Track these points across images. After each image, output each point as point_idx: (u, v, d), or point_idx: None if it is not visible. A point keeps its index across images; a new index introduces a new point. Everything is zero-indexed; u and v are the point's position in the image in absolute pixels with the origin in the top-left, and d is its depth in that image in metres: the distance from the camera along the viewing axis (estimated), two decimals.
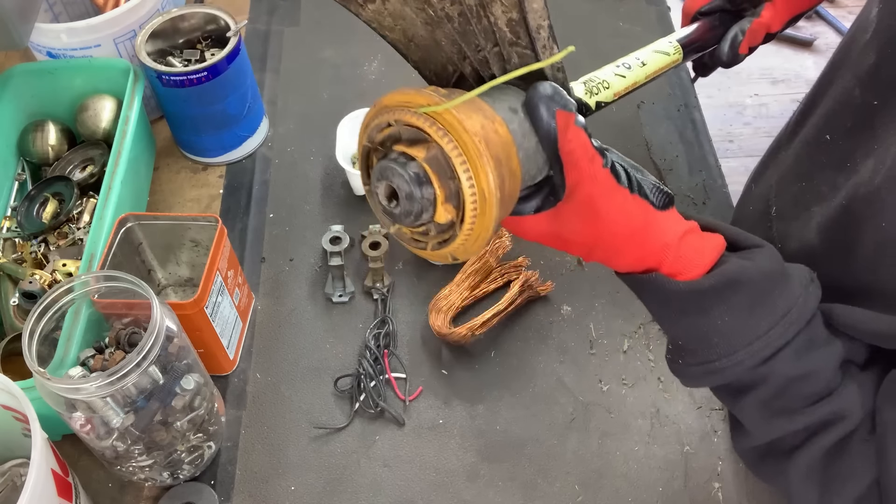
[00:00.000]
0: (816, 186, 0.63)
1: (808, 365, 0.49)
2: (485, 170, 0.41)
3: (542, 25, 0.43)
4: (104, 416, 0.66)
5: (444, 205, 0.42)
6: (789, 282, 0.50)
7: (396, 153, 0.43)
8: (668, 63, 0.67)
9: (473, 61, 0.47)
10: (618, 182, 0.47)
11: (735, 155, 2.25)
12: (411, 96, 0.42)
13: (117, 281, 0.68)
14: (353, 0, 0.47)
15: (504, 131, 0.43)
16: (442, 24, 0.45)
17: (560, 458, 0.81)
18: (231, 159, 1.05)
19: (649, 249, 0.49)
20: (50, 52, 0.98)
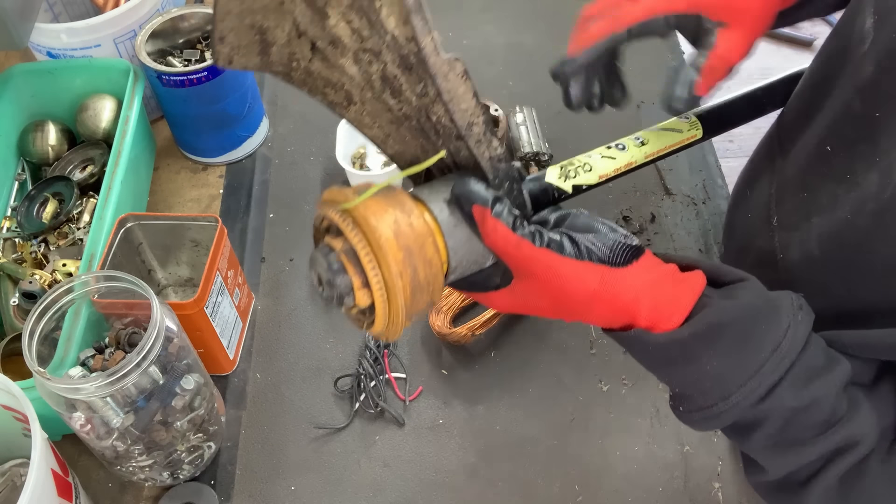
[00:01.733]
0: (817, 198, 0.62)
1: (810, 394, 0.47)
2: (386, 261, 0.45)
3: (474, 122, 0.47)
4: (104, 416, 0.66)
5: (360, 290, 0.47)
6: (777, 314, 0.48)
7: (323, 244, 0.49)
8: (678, 141, 0.64)
9: (433, 153, 0.51)
10: (561, 253, 0.47)
11: (735, 155, 2.25)
12: (335, 194, 0.48)
13: (117, 281, 0.68)
14: (339, 104, 0.53)
15: (420, 224, 0.47)
16: (403, 122, 0.50)
17: (560, 458, 0.81)
18: (231, 159, 1.05)
19: (617, 307, 0.48)
20: (50, 52, 0.98)
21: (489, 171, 0.49)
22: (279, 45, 0.51)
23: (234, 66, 0.51)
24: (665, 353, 0.48)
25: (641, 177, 1.03)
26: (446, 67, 0.44)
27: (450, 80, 0.44)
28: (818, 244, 0.61)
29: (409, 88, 0.46)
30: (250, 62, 0.52)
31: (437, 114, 0.46)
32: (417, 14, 0.41)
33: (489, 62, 1.17)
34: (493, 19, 1.24)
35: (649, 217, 0.99)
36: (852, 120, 0.58)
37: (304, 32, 0.50)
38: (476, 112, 0.46)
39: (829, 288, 0.59)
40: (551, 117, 1.08)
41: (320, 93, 0.53)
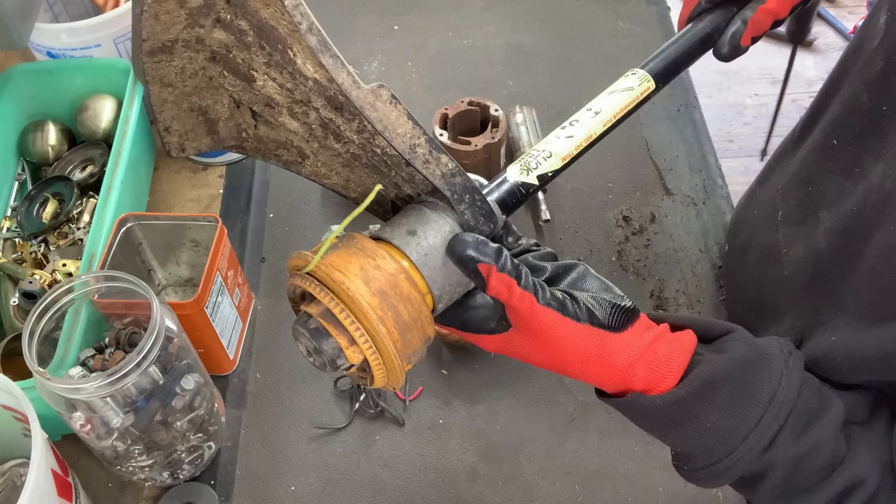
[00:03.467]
0: (823, 192, 0.63)
1: (810, 440, 0.48)
2: (363, 313, 0.44)
3: (416, 143, 0.46)
4: (104, 416, 0.66)
5: (349, 349, 0.46)
6: (768, 362, 0.49)
7: (301, 314, 0.48)
8: (633, 98, 0.63)
9: (390, 186, 0.51)
10: (562, 313, 0.47)
11: (735, 155, 2.25)
12: (297, 260, 0.47)
13: (117, 281, 0.68)
14: (294, 162, 0.53)
15: (387, 263, 0.46)
16: (354, 163, 0.50)
17: (560, 458, 0.81)
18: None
19: (612, 371, 0.49)
20: (50, 52, 0.98)
21: (445, 189, 0.48)
22: (224, 120, 0.52)
23: (187, 152, 0.52)
24: (664, 414, 0.48)
25: (641, 177, 1.03)
26: (371, 97, 0.44)
27: (378, 108, 0.44)
28: (825, 237, 0.61)
29: (346, 128, 0.46)
30: (202, 144, 0.52)
31: (379, 146, 0.46)
32: (325, 53, 0.41)
33: (489, 62, 1.17)
34: (493, 19, 1.24)
35: (649, 217, 0.99)
36: (860, 114, 0.59)
37: (241, 101, 0.50)
38: (415, 134, 0.46)
39: (831, 281, 0.59)
40: (551, 117, 1.08)
41: (273, 155, 0.53)
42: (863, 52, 0.61)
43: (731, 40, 0.69)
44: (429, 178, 0.47)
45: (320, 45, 0.41)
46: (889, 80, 0.55)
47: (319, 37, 0.41)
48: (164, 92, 0.48)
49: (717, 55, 0.70)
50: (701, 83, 1.01)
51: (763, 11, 0.68)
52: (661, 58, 0.66)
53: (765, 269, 0.73)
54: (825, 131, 0.65)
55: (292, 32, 0.41)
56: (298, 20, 0.40)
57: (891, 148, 0.53)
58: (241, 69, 0.48)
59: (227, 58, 0.48)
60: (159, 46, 0.46)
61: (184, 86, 0.49)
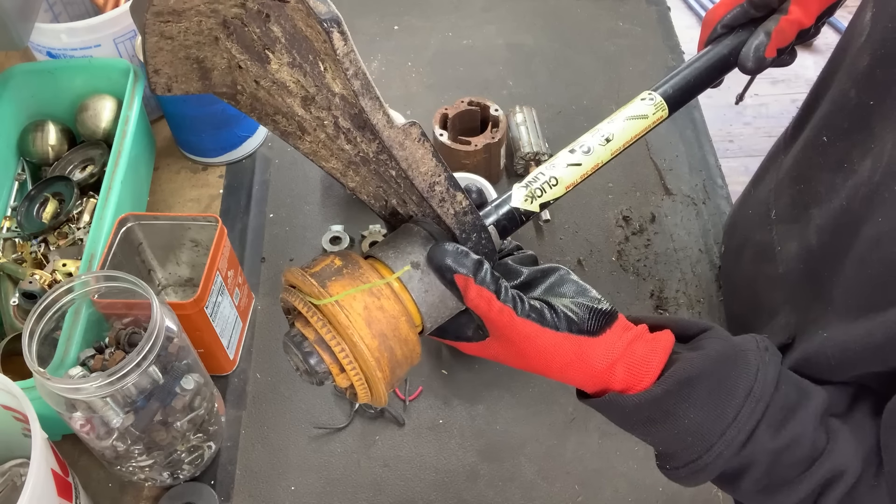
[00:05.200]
0: (815, 188, 0.63)
1: (789, 433, 0.48)
2: (362, 355, 0.45)
3: (436, 182, 0.46)
4: (104, 416, 0.66)
5: (339, 376, 0.47)
6: (744, 358, 0.49)
7: (295, 330, 0.48)
8: (645, 128, 0.61)
9: (395, 197, 0.51)
10: (540, 324, 0.47)
11: (735, 155, 2.25)
12: (299, 281, 0.47)
13: (117, 281, 0.67)
14: (292, 134, 0.51)
15: (391, 305, 0.46)
16: (362, 166, 0.49)
17: (560, 458, 0.81)
18: (231, 159, 1.05)
19: (592, 373, 0.49)
20: (50, 52, 0.98)
21: (455, 227, 0.49)
22: (220, 70, 0.49)
23: (173, 92, 0.50)
24: (642, 413, 0.49)
25: (641, 177, 1.03)
26: (402, 136, 0.43)
27: (406, 147, 0.44)
28: (816, 234, 0.61)
29: (363, 141, 0.45)
30: (191, 87, 0.50)
31: (394, 169, 0.46)
32: (366, 96, 0.40)
33: (489, 62, 1.17)
34: (493, 19, 1.24)
35: (649, 217, 0.99)
36: (848, 110, 0.59)
37: (245, 69, 0.48)
38: (437, 171, 0.46)
39: (822, 277, 0.59)
40: (551, 117, 1.08)
41: (271, 121, 0.51)
42: (850, 49, 0.61)
43: (755, 53, 0.66)
44: (442, 216, 0.48)
45: (363, 90, 0.40)
46: (875, 74, 0.56)
47: (364, 80, 0.40)
48: (162, 42, 0.46)
49: (742, 69, 0.68)
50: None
51: (787, 21, 0.66)
52: (677, 81, 0.64)
53: (760, 267, 0.73)
54: (816, 128, 0.66)
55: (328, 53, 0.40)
56: (346, 66, 0.39)
57: (878, 142, 0.54)
58: (255, 47, 0.45)
59: (241, 31, 0.46)
60: (169, 11, 0.44)
61: (184, 40, 0.47)
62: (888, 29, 0.54)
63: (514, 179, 1.02)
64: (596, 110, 1.10)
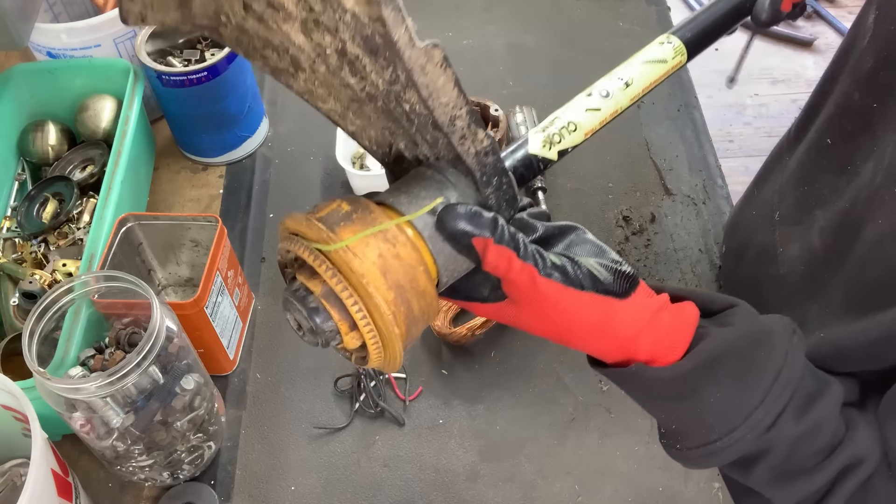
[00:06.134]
0: (818, 190, 0.63)
1: (811, 420, 0.46)
2: (377, 307, 0.40)
3: (457, 115, 0.41)
4: (104, 416, 0.66)
5: (349, 335, 0.42)
6: (773, 338, 0.47)
7: (298, 284, 0.43)
8: (664, 72, 0.58)
9: (404, 139, 0.46)
10: (565, 283, 0.43)
11: (735, 155, 2.25)
12: (304, 227, 0.42)
13: (117, 281, 0.68)
14: (283, 71, 0.45)
15: (407, 252, 0.41)
16: (367, 102, 0.43)
17: (560, 458, 0.81)
18: (231, 159, 1.05)
19: (618, 341, 0.46)
20: (50, 52, 0.98)
21: (476, 168, 0.44)
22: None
23: (147, 22, 0.43)
24: (667, 388, 0.46)
25: (641, 177, 1.03)
26: (424, 58, 0.37)
27: (427, 72, 0.38)
28: (819, 236, 0.61)
29: (374, 72, 0.39)
30: (168, 17, 0.43)
31: (409, 101, 0.40)
32: (388, 4, 0.34)
33: (489, 62, 1.17)
34: (493, 19, 1.24)
35: (649, 217, 0.99)
36: (852, 112, 0.59)
37: None
38: (458, 104, 0.40)
39: (822, 279, 0.59)
40: None
41: (259, 56, 0.45)
42: (854, 51, 0.61)
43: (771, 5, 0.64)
44: (462, 155, 0.42)
45: None
46: (879, 77, 0.56)
47: None
48: None
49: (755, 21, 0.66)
50: (701, 83, 1.00)
51: None
52: (695, 25, 0.61)
53: (761, 269, 0.73)
54: (819, 131, 0.66)
55: None
56: None
57: (880, 144, 0.54)
58: None
59: None
60: None
61: None
62: (892, 31, 0.54)
63: None
64: None
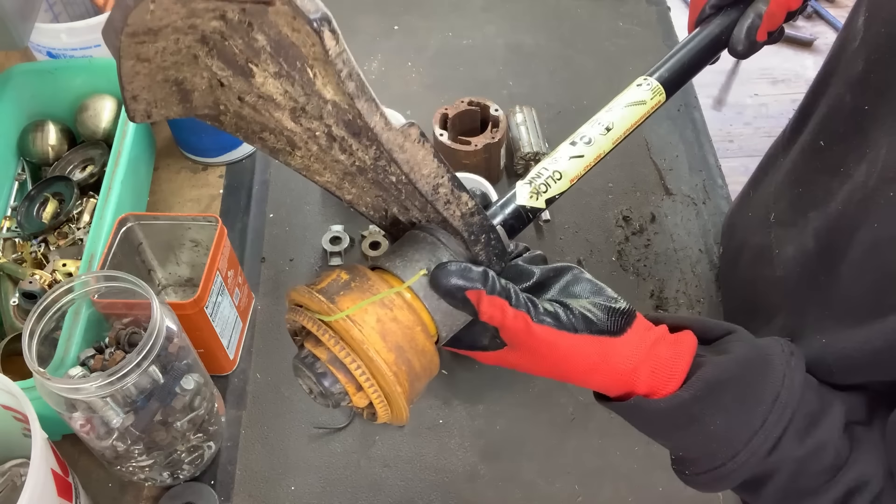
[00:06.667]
0: (812, 192, 0.63)
1: (814, 440, 0.47)
2: (379, 370, 0.43)
3: (440, 184, 0.44)
4: (104, 416, 0.66)
5: (356, 396, 0.46)
6: (770, 363, 0.48)
7: (306, 351, 0.47)
8: (645, 114, 0.60)
9: (396, 205, 0.48)
10: (558, 327, 0.46)
11: (735, 155, 2.25)
12: (306, 300, 0.45)
13: (117, 281, 0.68)
14: (281, 151, 0.48)
15: (405, 315, 0.44)
16: (358, 175, 0.47)
17: (560, 458, 0.81)
18: (231, 159, 1.05)
19: (616, 376, 0.48)
20: (50, 52, 0.98)
21: (463, 230, 0.47)
22: (200, 91, 0.47)
23: (153, 118, 0.47)
24: (667, 418, 0.48)
25: (641, 177, 1.03)
26: (401, 138, 0.41)
27: (406, 149, 0.41)
28: (813, 238, 0.61)
29: (360, 150, 0.43)
30: (171, 112, 0.47)
31: (395, 174, 0.43)
32: (361, 98, 0.38)
33: (489, 62, 1.17)
34: (493, 19, 1.24)
35: (649, 217, 0.99)
36: (844, 114, 0.59)
37: (228, 86, 0.45)
38: (439, 173, 0.44)
39: (819, 282, 0.59)
40: (551, 117, 1.08)
41: (258, 139, 0.49)
42: (845, 53, 0.61)
43: (746, 36, 0.66)
44: (448, 219, 0.45)
45: (357, 91, 0.38)
46: (870, 79, 0.56)
47: (358, 81, 0.38)
48: (139, 66, 0.44)
49: (732, 53, 0.68)
50: (701, 83, 1.00)
51: (776, 4, 0.66)
52: (671, 64, 0.64)
53: (758, 270, 0.73)
54: (813, 132, 0.66)
55: (318, 56, 0.38)
56: (339, 68, 0.37)
57: (873, 146, 0.54)
58: (238, 61, 0.43)
59: (222, 45, 0.43)
60: (144, 30, 0.41)
61: (162, 61, 0.44)
62: (881, 34, 0.54)
63: (514, 179, 1.02)
64: (596, 110, 1.09)
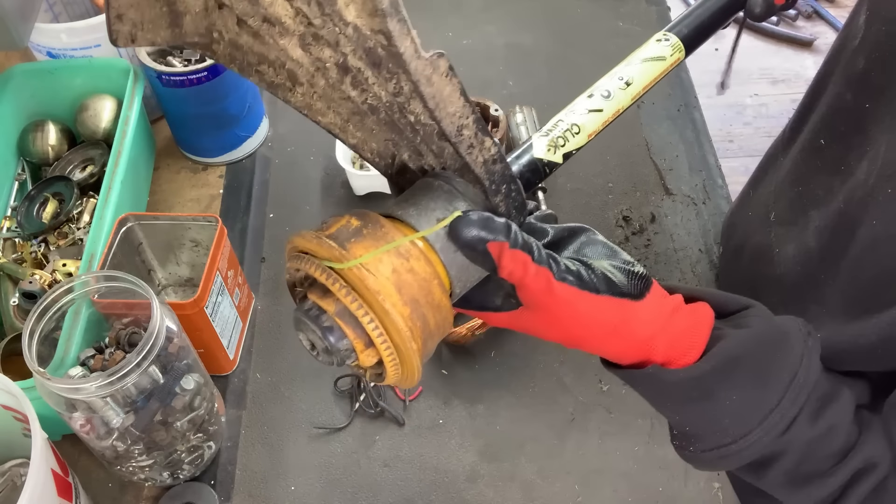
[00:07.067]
0: (813, 191, 0.63)
1: (825, 423, 0.46)
2: (394, 324, 0.40)
3: (464, 125, 0.40)
4: (104, 416, 0.66)
5: (364, 353, 0.42)
6: (788, 341, 0.47)
7: (310, 303, 0.43)
8: (664, 69, 0.58)
9: (408, 150, 0.45)
10: (580, 287, 0.43)
11: (735, 155, 2.25)
12: (314, 245, 0.41)
13: (117, 281, 0.67)
14: (280, 86, 0.45)
15: (421, 266, 0.41)
16: (369, 115, 0.43)
17: (560, 458, 0.81)
18: (231, 159, 1.05)
19: (634, 343, 0.45)
20: (50, 52, 0.98)
21: (484, 177, 0.43)
22: (193, 14, 0.42)
23: (138, 42, 0.42)
24: (683, 390, 0.46)
25: (641, 177, 1.03)
26: (429, 69, 0.37)
27: (433, 82, 0.37)
28: (814, 236, 0.61)
29: (377, 84, 0.39)
30: (158, 36, 0.43)
31: (414, 112, 0.39)
32: (394, 17, 0.34)
33: (489, 62, 1.17)
34: (493, 19, 1.24)
35: (649, 217, 0.99)
36: (844, 113, 0.59)
37: (230, 5, 0.41)
38: (465, 113, 0.40)
39: (818, 279, 0.60)
40: (551, 117, 1.08)
41: (254, 71, 0.44)
42: (845, 52, 0.61)
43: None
44: (471, 164, 0.42)
45: (392, 7, 0.33)
46: (870, 78, 0.56)
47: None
48: None
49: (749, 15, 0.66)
50: (701, 83, 1.00)
51: None
52: (691, 21, 0.61)
53: (758, 269, 0.73)
54: (813, 131, 0.66)
55: None
56: None
57: (873, 144, 0.54)
58: None
59: None
60: None
61: None
62: (882, 32, 0.54)
63: None
64: None
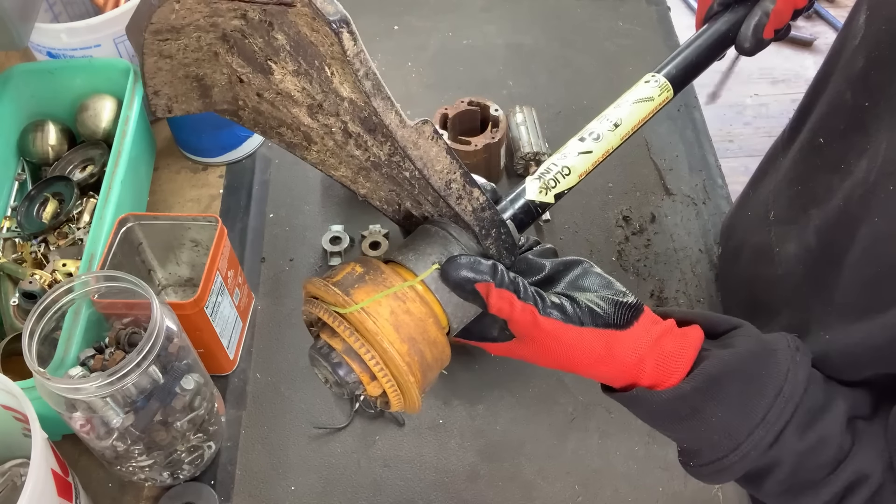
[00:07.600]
0: (813, 190, 0.63)
1: (816, 435, 0.48)
2: (393, 361, 0.45)
3: (452, 179, 0.45)
4: (104, 416, 0.66)
5: (370, 385, 0.47)
6: (774, 357, 0.49)
7: (322, 342, 0.48)
8: (652, 110, 0.62)
9: (409, 199, 0.50)
10: (564, 320, 0.47)
11: (735, 155, 2.25)
12: (322, 292, 0.47)
13: (117, 281, 0.67)
14: (298, 145, 0.50)
15: (417, 308, 0.46)
16: (373, 170, 0.48)
17: (560, 458, 0.81)
18: (231, 159, 1.05)
19: (621, 368, 0.49)
20: (50, 52, 0.98)
21: (474, 224, 0.48)
22: (220, 86, 0.48)
23: (174, 113, 0.49)
24: (670, 409, 0.49)
25: (641, 177, 1.03)
26: (415, 135, 0.42)
27: (420, 146, 0.43)
28: (815, 235, 0.61)
29: (374, 144, 0.45)
30: (192, 106, 0.49)
31: (408, 170, 0.45)
32: (377, 97, 0.39)
33: (489, 62, 1.17)
34: (493, 19, 1.24)
35: (649, 217, 0.99)
36: (844, 112, 0.60)
37: (247, 82, 0.47)
38: (452, 169, 0.45)
39: (822, 278, 0.60)
40: (551, 117, 1.08)
41: (276, 134, 0.50)
42: (845, 51, 0.61)
43: (753, 33, 0.67)
44: (460, 213, 0.47)
45: (374, 90, 0.39)
46: (870, 77, 0.56)
47: (374, 81, 0.39)
48: (161, 62, 0.45)
49: (739, 50, 0.69)
50: (701, 83, 1.00)
51: (783, 3, 0.67)
52: (679, 61, 0.65)
53: (758, 269, 0.73)
54: (812, 130, 0.66)
55: (336, 56, 0.39)
56: (357, 67, 0.38)
57: (873, 143, 0.54)
58: (257, 58, 0.44)
59: (242, 43, 0.45)
60: (168, 28, 0.43)
61: (183, 58, 0.46)
62: (882, 31, 0.55)
63: (514, 179, 1.02)
64: (596, 110, 1.09)
